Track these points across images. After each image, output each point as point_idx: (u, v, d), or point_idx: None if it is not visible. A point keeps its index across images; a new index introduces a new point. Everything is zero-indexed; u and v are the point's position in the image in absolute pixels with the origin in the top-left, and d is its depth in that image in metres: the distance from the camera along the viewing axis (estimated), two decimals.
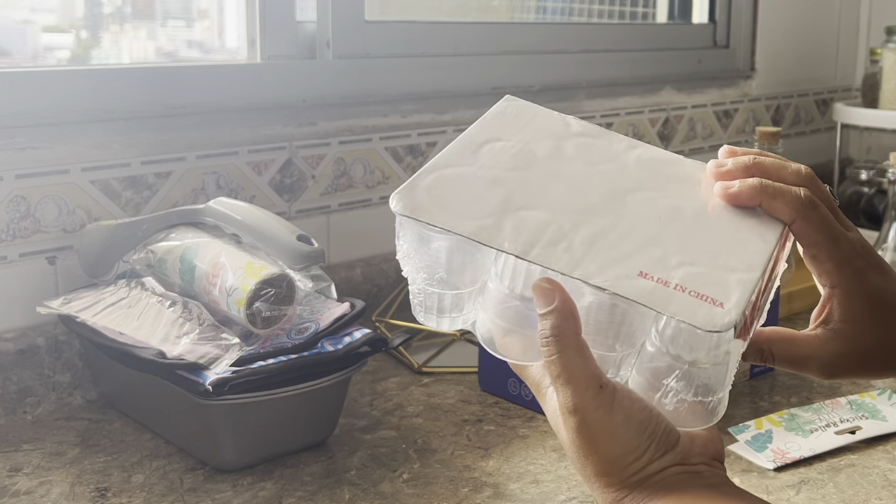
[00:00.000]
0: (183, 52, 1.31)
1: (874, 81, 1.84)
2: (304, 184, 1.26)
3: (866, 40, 2.16)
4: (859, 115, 1.84)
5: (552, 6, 1.78)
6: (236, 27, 1.29)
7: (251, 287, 0.89)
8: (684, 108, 1.79)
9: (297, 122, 1.25)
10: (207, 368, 0.85)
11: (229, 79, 1.19)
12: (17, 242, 1.03)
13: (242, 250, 0.95)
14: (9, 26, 1.16)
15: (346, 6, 1.29)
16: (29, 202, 1.04)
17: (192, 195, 1.16)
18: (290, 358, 0.89)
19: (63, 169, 1.05)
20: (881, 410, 1.01)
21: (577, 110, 1.58)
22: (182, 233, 0.99)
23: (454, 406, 1.06)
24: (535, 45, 1.55)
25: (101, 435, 0.98)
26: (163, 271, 0.97)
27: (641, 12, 1.90)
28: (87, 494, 0.85)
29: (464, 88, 1.43)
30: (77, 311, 0.96)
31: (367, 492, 0.87)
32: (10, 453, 0.93)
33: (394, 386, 1.11)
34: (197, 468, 0.90)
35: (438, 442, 0.97)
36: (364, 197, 1.33)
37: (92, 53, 1.22)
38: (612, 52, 1.66)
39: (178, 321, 0.91)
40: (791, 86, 2.03)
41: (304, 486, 0.88)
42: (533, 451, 0.95)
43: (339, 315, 0.94)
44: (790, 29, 2.00)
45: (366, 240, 1.34)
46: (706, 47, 1.87)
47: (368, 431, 0.99)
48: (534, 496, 0.86)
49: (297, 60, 1.26)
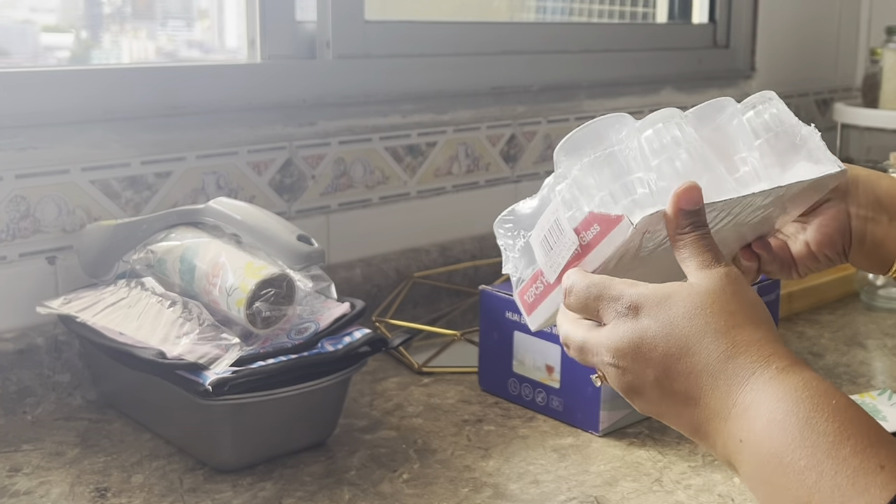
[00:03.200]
0: (183, 53, 1.31)
1: (874, 81, 1.84)
2: (303, 184, 1.26)
3: (866, 40, 2.15)
4: (859, 115, 1.84)
5: (552, 6, 1.78)
6: (236, 27, 1.29)
7: (251, 287, 0.89)
8: (684, 109, 1.79)
9: (297, 122, 1.25)
10: (207, 368, 0.85)
11: (229, 79, 1.19)
12: (16, 242, 1.03)
13: (242, 250, 0.95)
14: (9, 26, 1.16)
15: (345, 6, 1.29)
16: (29, 202, 1.04)
17: (192, 195, 1.16)
18: (290, 358, 0.89)
19: (63, 169, 1.05)
20: (881, 410, 1.01)
21: (577, 110, 1.58)
22: (182, 233, 0.99)
23: (454, 406, 1.05)
24: (535, 45, 1.55)
25: (100, 435, 0.97)
26: (163, 271, 0.97)
27: (641, 12, 1.90)
28: (86, 494, 0.85)
29: (464, 88, 1.43)
30: (77, 311, 0.96)
31: (366, 492, 0.86)
32: (9, 453, 0.93)
33: (394, 386, 1.11)
34: (197, 468, 0.90)
35: (438, 442, 0.97)
36: (364, 197, 1.33)
37: (92, 53, 1.22)
38: (612, 52, 1.66)
39: (178, 321, 0.91)
40: (791, 86, 2.03)
41: (303, 486, 0.88)
42: (533, 451, 0.95)
43: (338, 315, 0.94)
44: (790, 29, 2.00)
45: (366, 240, 1.34)
46: (706, 47, 1.87)
47: (368, 432, 0.99)
48: (534, 496, 0.86)
49: (297, 60, 1.26)
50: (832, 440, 0.49)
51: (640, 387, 0.57)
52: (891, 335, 1.29)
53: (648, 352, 0.56)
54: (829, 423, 0.49)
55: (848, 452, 0.48)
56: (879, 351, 1.24)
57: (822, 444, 0.49)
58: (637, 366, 0.56)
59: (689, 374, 0.55)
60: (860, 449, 0.48)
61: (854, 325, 1.32)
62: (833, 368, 1.17)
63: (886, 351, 1.24)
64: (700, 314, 0.55)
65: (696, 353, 0.55)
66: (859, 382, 1.12)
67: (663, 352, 0.55)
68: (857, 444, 0.48)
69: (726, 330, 0.55)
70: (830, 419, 0.49)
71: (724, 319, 0.55)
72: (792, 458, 0.49)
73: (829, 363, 1.19)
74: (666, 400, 0.56)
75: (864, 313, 1.37)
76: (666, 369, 0.55)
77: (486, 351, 1.08)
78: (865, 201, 0.70)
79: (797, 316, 1.36)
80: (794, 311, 1.36)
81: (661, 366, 0.55)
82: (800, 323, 1.33)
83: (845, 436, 0.49)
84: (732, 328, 0.55)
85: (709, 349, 0.54)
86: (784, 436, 0.50)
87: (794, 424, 0.50)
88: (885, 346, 1.25)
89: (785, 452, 0.50)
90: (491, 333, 1.07)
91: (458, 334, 1.18)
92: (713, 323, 0.55)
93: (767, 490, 0.51)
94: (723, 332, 0.55)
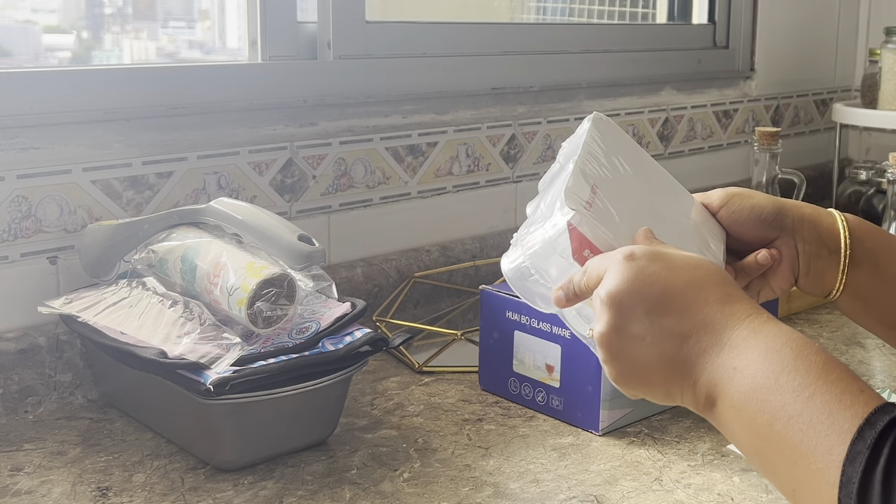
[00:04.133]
0: (184, 53, 1.31)
1: (873, 82, 1.84)
2: (304, 184, 1.27)
3: (865, 41, 2.16)
4: (859, 116, 1.84)
5: (552, 7, 1.78)
6: (237, 28, 1.29)
7: (252, 287, 0.89)
8: (684, 109, 1.79)
9: (298, 122, 1.25)
10: (208, 368, 0.85)
11: (230, 79, 1.20)
12: (18, 242, 1.04)
13: (243, 250, 0.95)
14: (10, 27, 1.16)
15: (346, 7, 1.29)
16: (30, 202, 1.04)
17: (194, 195, 1.16)
18: (291, 357, 0.89)
19: (64, 169, 1.06)
20: None
21: (577, 110, 1.58)
22: (183, 233, 0.99)
23: (454, 405, 1.06)
24: (536, 45, 1.55)
25: (102, 434, 0.98)
26: (164, 271, 0.97)
27: (641, 13, 1.90)
28: (88, 494, 0.86)
29: (464, 88, 1.43)
30: (78, 311, 0.97)
31: (367, 491, 0.87)
32: (11, 453, 0.94)
33: (394, 385, 1.11)
34: (198, 467, 0.91)
35: (439, 441, 0.97)
36: (365, 197, 1.33)
37: (93, 54, 1.23)
38: (612, 53, 1.67)
39: (180, 321, 0.91)
40: (790, 86, 2.03)
41: (304, 485, 0.88)
42: (533, 450, 0.95)
43: (339, 315, 0.94)
44: (790, 29, 2.00)
45: (366, 240, 1.34)
46: (706, 48, 1.87)
47: (369, 431, 0.99)
48: (534, 495, 0.87)
49: (298, 61, 1.27)
50: (821, 367, 0.57)
51: (627, 322, 0.62)
52: None
53: (644, 287, 0.62)
54: (818, 355, 0.58)
55: (835, 377, 0.57)
56: (878, 350, 1.24)
57: (813, 369, 0.57)
58: (631, 299, 0.62)
59: (684, 311, 0.61)
60: (844, 376, 0.57)
61: (853, 325, 1.33)
62: None
63: (885, 350, 1.24)
64: (700, 267, 0.63)
65: (694, 295, 0.62)
66: None
67: (661, 288, 0.62)
68: (841, 372, 0.57)
69: (723, 283, 0.63)
70: (818, 353, 0.58)
71: (721, 277, 0.63)
72: (788, 378, 0.57)
73: None
74: (652, 333, 0.62)
75: None
76: (659, 305, 0.61)
77: (487, 350, 1.08)
78: (810, 237, 0.78)
79: (796, 315, 1.36)
80: (794, 311, 1.36)
81: (655, 301, 0.62)
82: (799, 322, 1.34)
83: (831, 366, 0.57)
84: (729, 285, 0.63)
85: (707, 293, 0.62)
86: (781, 360, 0.58)
87: (788, 354, 0.58)
88: (883, 345, 1.25)
89: (781, 373, 0.57)
90: (491, 333, 1.07)
91: (458, 334, 1.18)
92: (711, 276, 0.63)
93: (756, 409, 0.58)
94: (720, 284, 0.63)
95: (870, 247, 0.78)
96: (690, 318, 0.61)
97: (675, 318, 0.61)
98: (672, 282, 0.62)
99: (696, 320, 0.61)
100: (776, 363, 0.58)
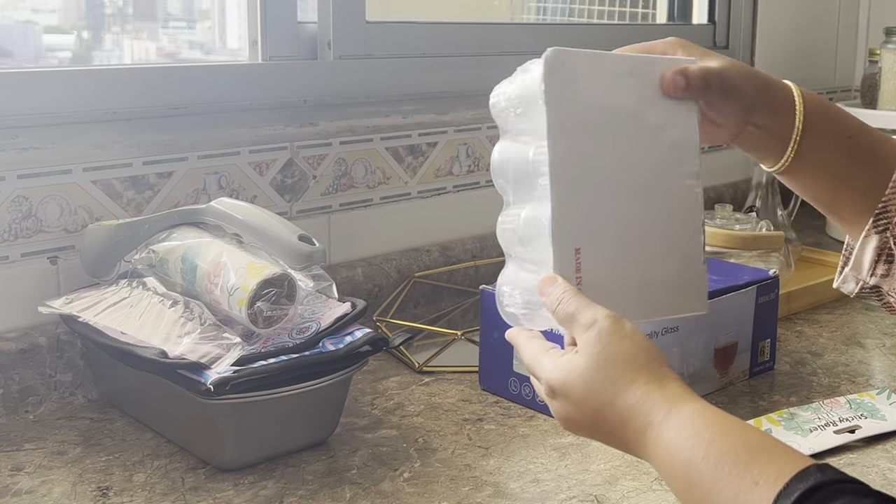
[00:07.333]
0: (184, 53, 1.31)
1: (873, 82, 1.84)
2: (305, 184, 1.27)
3: (865, 41, 2.16)
4: (858, 116, 1.83)
5: (552, 7, 1.78)
6: (238, 28, 1.29)
7: (253, 287, 0.89)
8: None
9: (299, 122, 1.25)
10: (209, 368, 0.86)
11: (231, 79, 1.20)
12: (19, 242, 1.04)
13: (244, 250, 0.95)
14: (11, 27, 1.16)
15: (347, 7, 1.29)
16: (31, 202, 1.04)
17: (194, 195, 1.16)
18: (292, 357, 0.89)
19: (65, 169, 1.06)
20: (880, 410, 1.02)
21: None
22: (183, 233, 0.99)
23: (455, 405, 1.06)
24: (536, 45, 1.55)
25: (102, 434, 0.98)
26: (164, 271, 0.98)
27: (641, 13, 1.91)
28: (88, 493, 0.86)
29: (464, 88, 1.43)
30: (79, 311, 0.97)
31: (368, 491, 0.87)
32: (11, 452, 0.94)
33: (394, 385, 1.11)
34: (198, 467, 0.91)
35: (439, 441, 0.97)
36: (365, 197, 1.34)
37: (93, 54, 1.23)
38: None
39: (180, 321, 0.91)
40: None
41: (305, 485, 0.88)
42: (533, 449, 0.95)
43: (340, 315, 0.94)
44: (790, 29, 2.00)
45: (367, 240, 1.34)
46: (706, 48, 1.87)
47: (369, 431, 0.99)
48: (534, 495, 0.87)
49: (299, 61, 1.27)
50: (710, 476, 0.57)
51: (571, 414, 0.68)
52: (889, 334, 1.29)
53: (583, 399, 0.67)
54: (706, 461, 0.58)
55: (726, 476, 0.56)
56: (878, 350, 1.24)
57: (704, 479, 0.57)
58: (569, 411, 0.68)
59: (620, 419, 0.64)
60: (736, 473, 0.56)
61: (853, 325, 1.33)
62: (832, 368, 1.17)
63: (885, 350, 1.24)
64: (593, 390, 0.65)
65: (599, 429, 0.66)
66: (858, 382, 1.13)
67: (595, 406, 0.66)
68: (733, 468, 0.56)
69: (612, 401, 0.64)
70: (707, 457, 0.58)
71: (609, 387, 0.64)
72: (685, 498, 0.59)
73: (828, 363, 1.19)
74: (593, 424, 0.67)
75: (862, 313, 1.38)
76: (595, 420, 0.66)
77: (487, 350, 1.09)
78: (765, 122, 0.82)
79: (796, 315, 1.36)
80: (794, 311, 1.36)
81: (592, 415, 0.66)
82: (799, 322, 1.34)
83: (721, 465, 0.57)
84: (617, 395, 0.64)
85: (607, 422, 0.65)
86: (674, 483, 0.60)
87: (679, 473, 0.59)
88: (883, 345, 1.25)
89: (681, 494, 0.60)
90: (491, 333, 1.07)
91: (458, 334, 1.18)
92: (601, 395, 0.65)
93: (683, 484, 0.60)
94: (609, 405, 0.64)
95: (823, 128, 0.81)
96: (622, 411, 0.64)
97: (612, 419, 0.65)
98: (583, 415, 0.67)
99: (628, 408, 0.64)
100: (674, 484, 0.60)
